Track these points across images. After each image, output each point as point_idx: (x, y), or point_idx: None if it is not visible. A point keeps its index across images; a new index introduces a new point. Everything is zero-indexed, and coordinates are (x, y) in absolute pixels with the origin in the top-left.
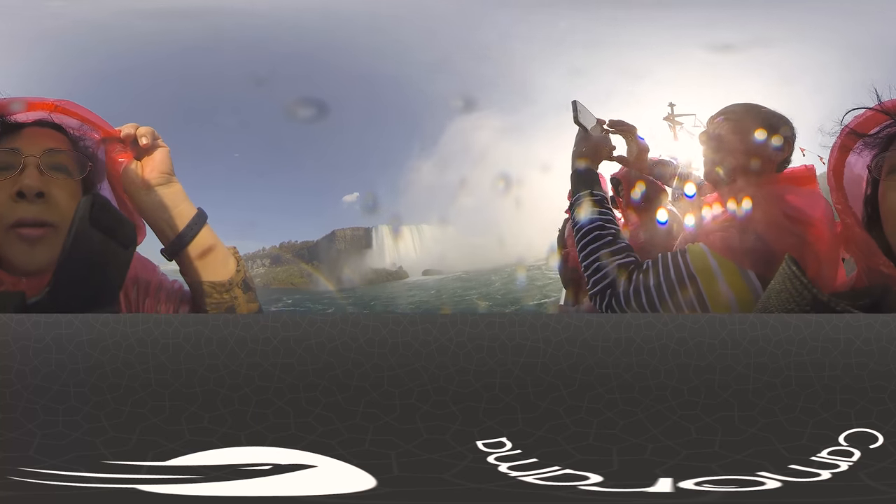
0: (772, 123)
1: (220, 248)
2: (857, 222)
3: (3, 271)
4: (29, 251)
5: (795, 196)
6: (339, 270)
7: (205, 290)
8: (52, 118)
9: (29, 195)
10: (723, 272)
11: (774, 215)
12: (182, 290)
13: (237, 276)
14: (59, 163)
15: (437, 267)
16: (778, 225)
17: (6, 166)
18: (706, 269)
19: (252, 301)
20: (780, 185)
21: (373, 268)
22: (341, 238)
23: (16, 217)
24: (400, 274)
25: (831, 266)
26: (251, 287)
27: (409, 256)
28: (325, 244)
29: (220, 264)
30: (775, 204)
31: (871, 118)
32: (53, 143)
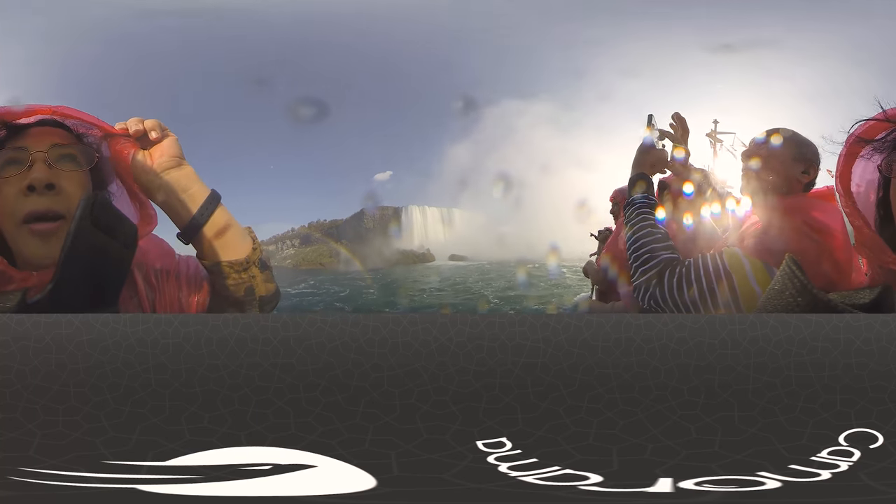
0: (803, 152)
1: (235, 227)
2: (866, 224)
3: (14, 268)
4: (43, 245)
5: (816, 209)
6: (365, 250)
7: (223, 270)
8: (54, 117)
9: (39, 187)
10: (752, 270)
11: (796, 223)
12: (200, 270)
13: (254, 255)
14: (66, 154)
15: (463, 253)
16: (799, 230)
17: (15, 163)
18: (739, 267)
19: (269, 280)
20: (804, 200)
21: (399, 249)
22: (370, 217)
23: (27, 210)
24: (427, 257)
25: (849, 274)
26: (268, 266)
27: (437, 239)
28: (352, 223)
29: (237, 243)
30: (798, 214)
31: (875, 126)
32: (59, 139)
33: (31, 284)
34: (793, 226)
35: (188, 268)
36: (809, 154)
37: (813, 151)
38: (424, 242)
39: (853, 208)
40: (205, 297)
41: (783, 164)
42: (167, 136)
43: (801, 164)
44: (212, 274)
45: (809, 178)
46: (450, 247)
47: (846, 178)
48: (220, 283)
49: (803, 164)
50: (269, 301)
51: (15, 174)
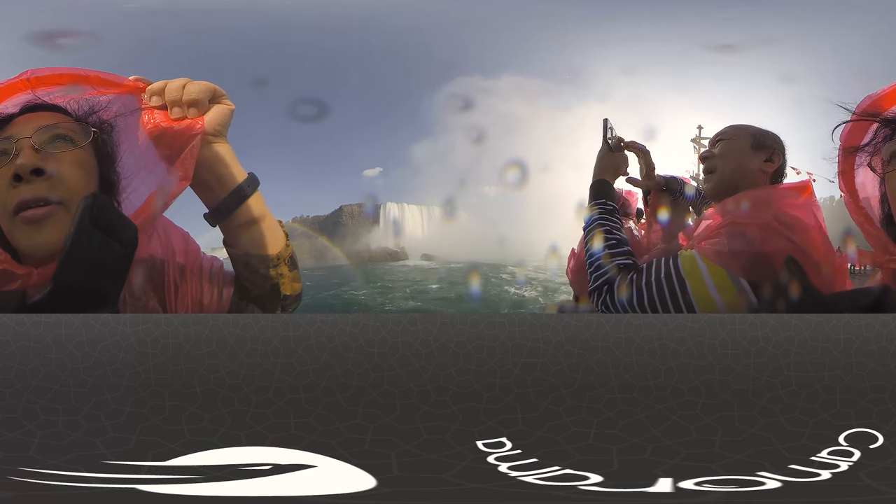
0: (761, 140)
1: (270, 219)
2: (867, 220)
3: (17, 263)
4: (35, 233)
5: (789, 203)
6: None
7: (252, 263)
8: (39, 99)
9: (24, 174)
10: (711, 276)
11: (766, 220)
12: (224, 270)
13: (286, 252)
14: (56, 134)
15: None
16: (770, 228)
17: (2, 154)
18: (695, 273)
19: (296, 280)
20: (773, 192)
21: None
22: (348, 214)
23: (16, 201)
24: (400, 255)
25: (830, 275)
26: (297, 265)
27: (415, 237)
28: (332, 219)
29: (271, 236)
30: (766, 208)
31: (855, 130)
32: (47, 122)
33: (34, 282)
34: (761, 222)
35: (212, 267)
36: (769, 141)
37: (773, 138)
38: (401, 240)
39: (854, 205)
40: (225, 301)
41: (741, 156)
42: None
43: (761, 153)
44: (238, 266)
45: (774, 167)
46: (425, 245)
47: (849, 177)
48: (250, 276)
49: (764, 153)
50: (294, 301)
51: (2, 166)
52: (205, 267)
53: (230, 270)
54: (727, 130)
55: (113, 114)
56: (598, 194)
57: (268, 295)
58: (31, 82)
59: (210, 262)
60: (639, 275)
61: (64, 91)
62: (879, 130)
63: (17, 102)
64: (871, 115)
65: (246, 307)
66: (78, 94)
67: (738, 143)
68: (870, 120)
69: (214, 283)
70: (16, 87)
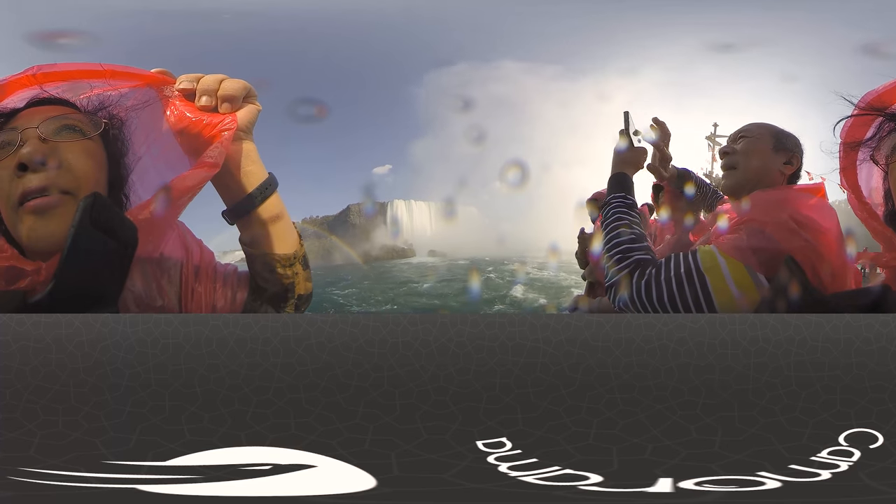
0: (783, 142)
1: (287, 220)
2: (872, 215)
3: (26, 259)
4: (41, 222)
5: (805, 204)
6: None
7: (270, 262)
8: (46, 93)
9: (30, 164)
10: (730, 270)
11: (782, 218)
12: (238, 273)
13: (300, 251)
14: (65, 125)
15: (445, 249)
16: (786, 227)
17: (7, 145)
18: (714, 268)
19: (309, 280)
20: (790, 192)
21: (380, 244)
22: (355, 213)
23: (21, 191)
24: (408, 253)
25: (843, 276)
26: (308, 264)
27: (423, 234)
28: (341, 219)
29: (287, 235)
30: (783, 208)
31: (857, 124)
32: (55, 114)
33: (43, 279)
34: (777, 221)
35: (225, 270)
36: (790, 144)
37: (794, 142)
38: (410, 238)
39: (858, 202)
40: (238, 304)
41: (763, 156)
42: (251, 103)
43: (782, 154)
44: (254, 264)
45: (793, 169)
46: (432, 242)
47: (851, 173)
48: (263, 276)
49: (784, 155)
50: (306, 301)
51: (5, 156)
52: (219, 270)
53: (243, 273)
54: (750, 128)
55: (126, 109)
56: (618, 187)
57: (282, 294)
58: (37, 78)
59: (224, 268)
60: (656, 270)
61: (70, 87)
62: (884, 124)
63: (23, 97)
64: (876, 110)
65: (260, 307)
66: (85, 90)
67: (762, 142)
68: (874, 114)
69: (228, 286)
70: (21, 83)
